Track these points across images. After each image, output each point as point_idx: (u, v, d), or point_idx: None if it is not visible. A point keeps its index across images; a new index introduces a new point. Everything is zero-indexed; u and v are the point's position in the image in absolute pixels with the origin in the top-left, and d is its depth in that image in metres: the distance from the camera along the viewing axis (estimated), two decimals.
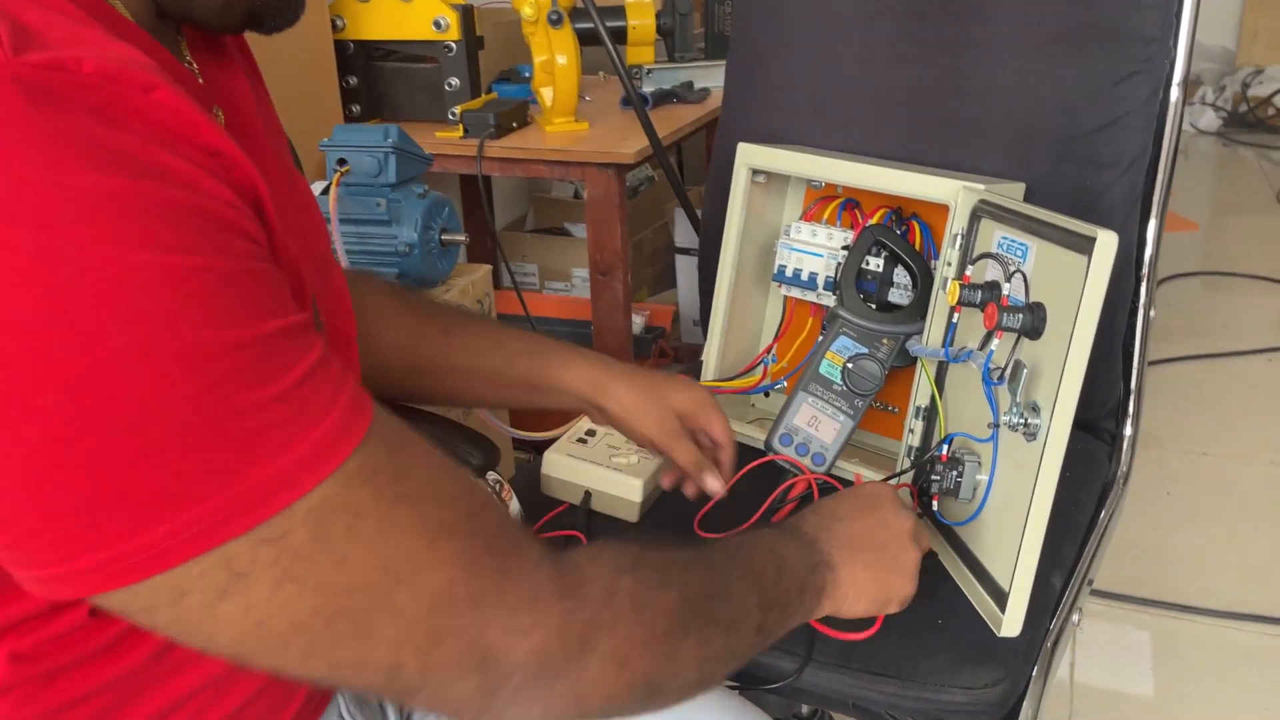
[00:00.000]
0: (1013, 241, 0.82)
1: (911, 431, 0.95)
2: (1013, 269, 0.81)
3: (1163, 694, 1.50)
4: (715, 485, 0.86)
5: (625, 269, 1.73)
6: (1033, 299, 0.78)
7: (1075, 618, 0.86)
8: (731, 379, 1.08)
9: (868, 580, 0.70)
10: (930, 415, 0.94)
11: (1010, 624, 0.75)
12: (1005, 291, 0.79)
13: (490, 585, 0.48)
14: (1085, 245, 0.70)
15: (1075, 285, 0.71)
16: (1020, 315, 0.76)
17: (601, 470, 0.92)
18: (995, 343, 0.78)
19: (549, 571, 0.50)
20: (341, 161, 1.29)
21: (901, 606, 0.73)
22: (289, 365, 0.43)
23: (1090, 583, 0.95)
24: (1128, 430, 1.08)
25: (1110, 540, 1.00)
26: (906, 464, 0.96)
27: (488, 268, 1.43)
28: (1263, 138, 4.47)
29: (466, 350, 0.84)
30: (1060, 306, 0.74)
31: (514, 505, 0.86)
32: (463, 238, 1.33)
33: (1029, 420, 0.75)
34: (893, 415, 1.07)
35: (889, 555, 0.73)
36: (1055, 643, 0.81)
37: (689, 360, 2.42)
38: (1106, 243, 0.69)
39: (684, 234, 2.45)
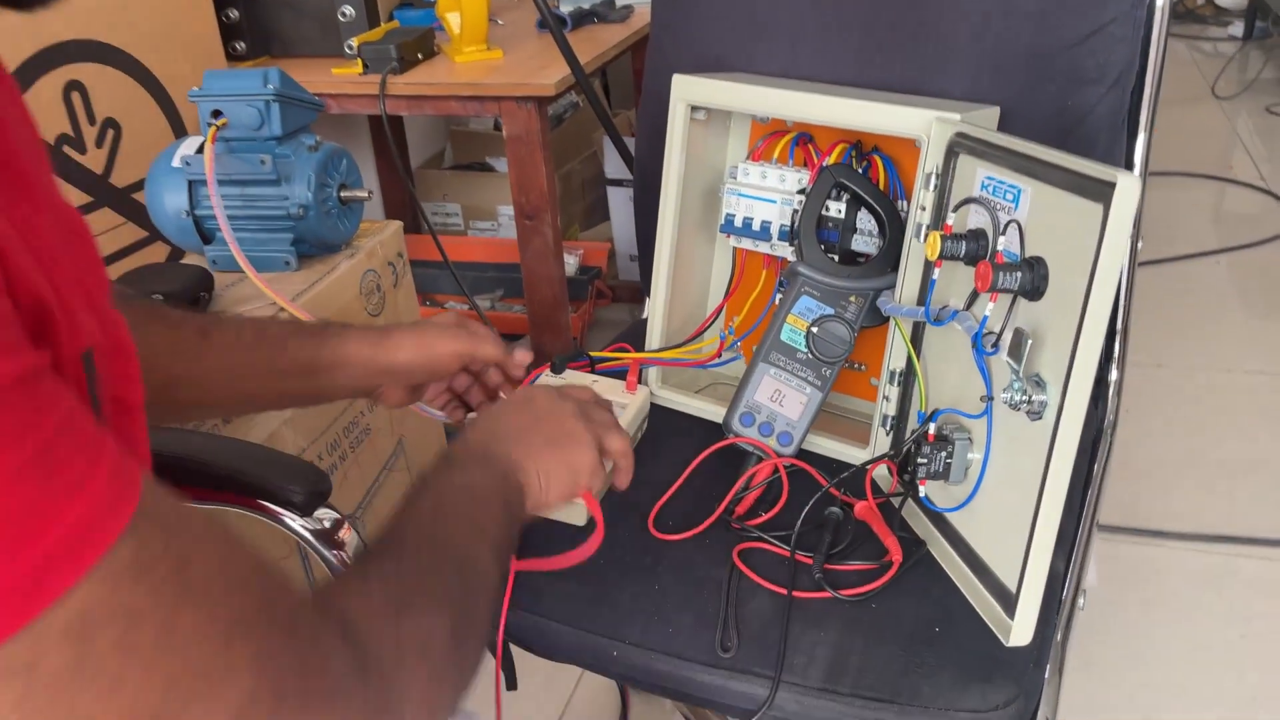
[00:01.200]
0: (1001, 183, 0.70)
1: (886, 399, 0.85)
2: (1005, 217, 0.69)
3: (1136, 624, 1.45)
4: (522, 356, 0.83)
5: (554, 211, 1.58)
6: (1030, 253, 0.66)
7: (1081, 601, 0.77)
8: (680, 345, 0.96)
9: (554, 461, 0.67)
10: (907, 380, 0.83)
11: (1020, 632, 0.65)
12: (999, 246, 0.67)
13: (293, 687, 0.40)
14: (1101, 191, 0.59)
15: (1087, 238, 0.60)
16: (1018, 274, 0.65)
17: None
18: (990, 306, 0.67)
19: (347, 652, 0.44)
20: (216, 113, 1.12)
21: (593, 477, 0.69)
22: (23, 428, 0.33)
23: (1097, 526, 0.86)
24: (1114, 375, 0.98)
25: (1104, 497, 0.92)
26: (882, 436, 0.85)
27: (398, 224, 1.28)
28: (1193, 29, 4.40)
29: (227, 346, 0.73)
30: (1066, 262, 0.63)
31: (353, 539, 0.76)
32: (364, 194, 1.17)
33: (1033, 397, 0.64)
34: (859, 373, 0.96)
35: (559, 430, 0.69)
36: (1066, 636, 0.72)
37: (629, 299, 2.29)
38: (1128, 189, 0.57)
39: (615, 164, 2.30)
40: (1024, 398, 0.64)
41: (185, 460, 0.74)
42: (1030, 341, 0.64)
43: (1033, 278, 0.65)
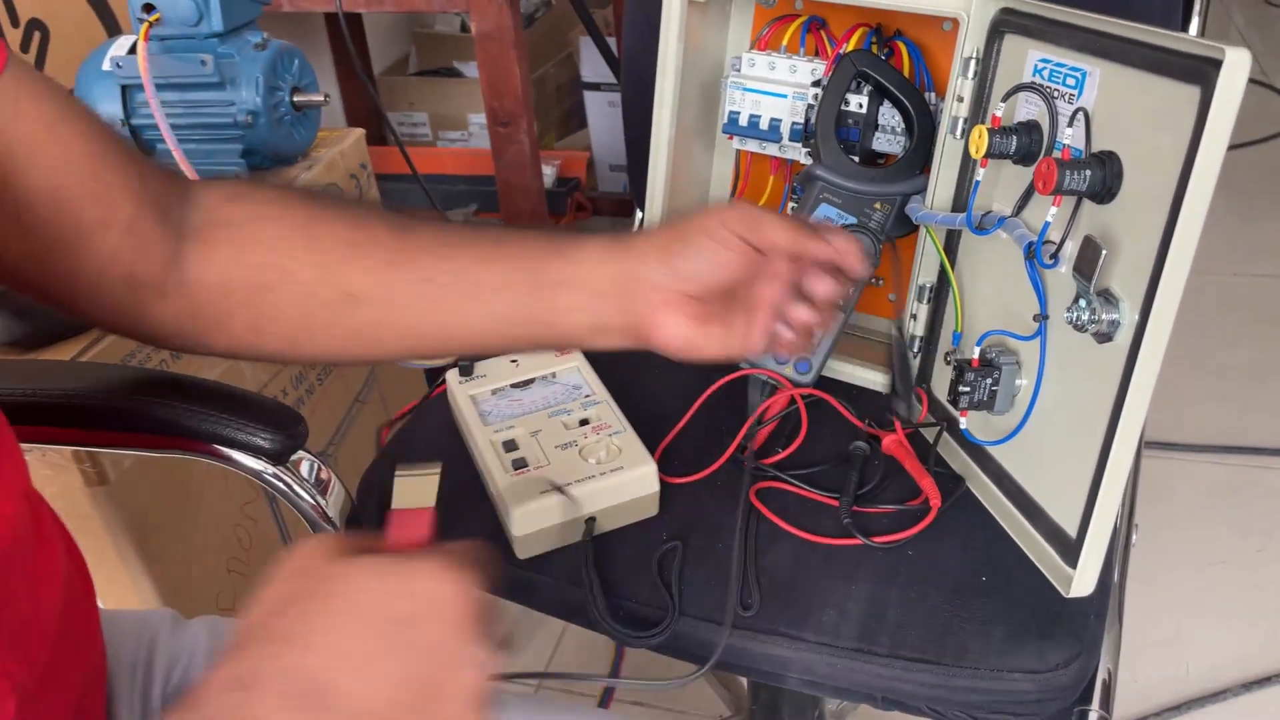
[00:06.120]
0: (1060, 66, 0.60)
1: (914, 318, 0.76)
2: (1066, 106, 0.59)
3: (1151, 539, 1.39)
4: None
5: (529, 116, 1.46)
6: (1099, 147, 0.57)
7: (1135, 536, 0.70)
8: None
9: None
10: (938, 296, 0.74)
11: (1083, 582, 0.58)
12: (1065, 140, 0.58)
13: None
14: (1199, 71, 0.49)
15: (1175, 127, 0.50)
16: (1087, 172, 0.55)
17: (594, 483, 0.66)
18: (1052, 211, 0.58)
19: None
20: (148, 8, 1.00)
21: None
22: None
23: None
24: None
25: None
26: (911, 359, 0.77)
27: (360, 132, 1.16)
28: None
29: (450, 276, 0.54)
30: (1146, 157, 0.54)
31: (335, 490, 0.67)
32: (320, 98, 1.05)
33: (1102, 316, 0.56)
34: (876, 288, 0.87)
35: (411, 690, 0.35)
36: (1124, 575, 0.65)
37: (610, 211, 2.18)
38: (1237, 66, 0.48)
39: (592, 66, 2.16)
40: (1090, 317, 0.56)
41: (120, 403, 0.64)
42: (1105, 253, 0.55)
43: (1104, 176, 0.55)
